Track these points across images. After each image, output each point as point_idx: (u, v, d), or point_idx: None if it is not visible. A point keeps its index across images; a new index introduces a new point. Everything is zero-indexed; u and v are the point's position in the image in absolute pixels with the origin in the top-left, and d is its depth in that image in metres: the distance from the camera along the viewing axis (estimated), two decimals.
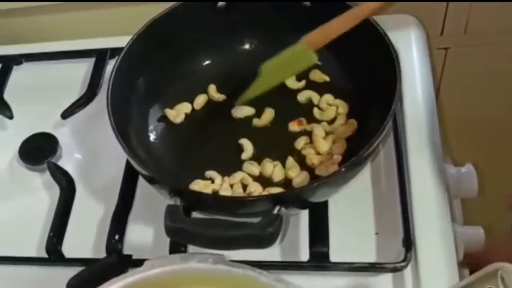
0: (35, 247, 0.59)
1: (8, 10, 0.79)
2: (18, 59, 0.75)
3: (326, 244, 0.53)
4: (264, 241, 0.47)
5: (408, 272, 0.52)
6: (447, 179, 0.58)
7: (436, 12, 0.75)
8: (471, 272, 0.63)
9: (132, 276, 0.48)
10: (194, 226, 0.48)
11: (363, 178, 0.58)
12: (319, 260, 0.53)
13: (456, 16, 0.75)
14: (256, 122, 0.61)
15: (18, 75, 0.75)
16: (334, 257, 0.53)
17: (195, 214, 0.55)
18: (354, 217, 0.56)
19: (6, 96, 0.71)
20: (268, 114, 0.62)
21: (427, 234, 0.53)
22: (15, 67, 0.75)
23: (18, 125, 0.69)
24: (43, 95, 0.72)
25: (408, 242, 0.52)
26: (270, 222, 0.47)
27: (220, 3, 0.65)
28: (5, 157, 0.66)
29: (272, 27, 0.65)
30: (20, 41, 0.78)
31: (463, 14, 0.75)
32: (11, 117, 0.69)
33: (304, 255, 0.54)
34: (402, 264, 0.51)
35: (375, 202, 0.57)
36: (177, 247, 0.55)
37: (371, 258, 0.53)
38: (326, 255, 0.53)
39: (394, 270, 0.52)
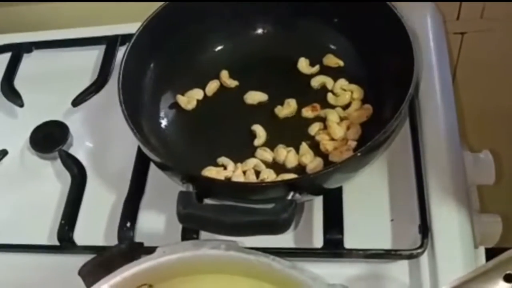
0: (47, 235, 0.59)
1: None
2: (28, 47, 0.75)
3: (341, 231, 0.52)
4: (278, 227, 0.46)
5: (424, 259, 0.51)
6: (464, 166, 0.57)
7: None
8: (487, 251, 0.63)
9: (145, 262, 0.47)
10: (207, 212, 0.48)
11: (379, 164, 0.57)
12: (333, 247, 0.52)
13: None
14: (277, 111, 0.60)
15: (29, 63, 0.74)
16: (348, 244, 0.52)
17: (207, 202, 0.54)
18: (369, 204, 0.55)
19: (17, 84, 0.71)
20: (293, 105, 0.60)
21: (444, 221, 0.52)
22: (25, 55, 0.75)
23: (28, 113, 0.68)
24: (54, 83, 0.72)
25: (425, 228, 0.51)
26: (285, 208, 0.46)
27: None
28: (16, 145, 0.66)
29: (285, 12, 0.64)
30: (30, 29, 0.78)
31: None
32: (21, 105, 0.69)
33: (318, 242, 0.53)
34: (419, 250, 0.50)
35: (390, 188, 0.56)
36: (189, 235, 0.54)
37: (386, 245, 0.53)
38: (340, 242, 0.52)
39: (411, 256, 0.51)
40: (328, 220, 0.53)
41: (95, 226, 0.58)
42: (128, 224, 0.56)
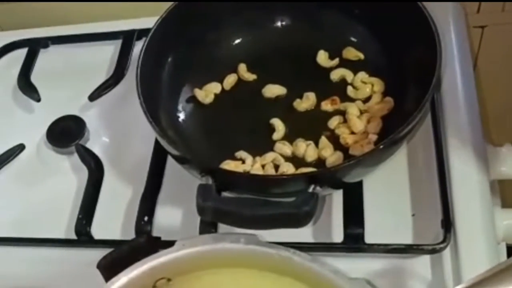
0: (64, 229, 0.58)
1: None
2: (45, 42, 0.75)
3: (361, 225, 0.51)
4: (299, 220, 0.45)
5: (446, 254, 0.50)
6: (487, 160, 0.56)
7: None
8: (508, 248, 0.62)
9: (164, 256, 0.47)
10: (228, 205, 0.47)
11: (400, 158, 0.56)
12: (354, 241, 0.51)
13: None
14: (296, 104, 0.60)
15: (45, 58, 0.74)
16: (369, 239, 0.51)
17: (225, 195, 0.54)
18: (390, 198, 0.55)
19: (33, 79, 0.71)
20: (312, 98, 0.60)
21: (467, 215, 0.52)
22: (42, 50, 0.75)
23: (45, 108, 0.68)
24: (70, 77, 0.72)
25: (447, 223, 0.51)
26: (306, 201, 0.46)
27: None
28: (33, 140, 0.66)
29: (304, 3, 0.63)
30: (47, 24, 0.78)
31: None
32: (38, 100, 0.69)
33: (338, 237, 0.52)
34: (441, 245, 0.49)
35: (412, 182, 0.55)
36: (207, 229, 0.54)
37: (408, 240, 0.52)
38: (361, 237, 0.51)
39: (433, 251, 0.50)
40: (348, 215, 0.52)
41: (113, 220, 0.58)
42: (146, 218, 0.56)
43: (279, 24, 0.66)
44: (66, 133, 0.65)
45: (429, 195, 0.54)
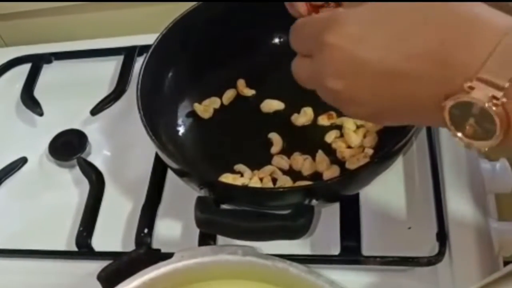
0: (65, 241, 0.59)
1: (39, 10, 0.81)
2: (48, 57, 0.76)
3: (358, 238, 0.52)
4: (295, 232, 0.46)
5: (442, 266, 0.51)
6: (482, 174, 0.57)
7: None
8: (505, 264, 0.62)
9: (163, 267, 0.48)
10: (225, 217, 0.48)
11: (396, 171, 0.57)
12: (350, 253, 0.52)
13: None
14: (294, 119, 0.61)
15: (49, 73, 0.75)
16: (366, 251, 0.52)
17: (224, 207, 0.54)
18: (386, 211, 0.55)
19: (37, 94, 0.72)
20: (309, 113, 0.61)
21: (462, 228, 0.52)
22: (45, 66, 0.76)
23: (48, 122, 0.69)
24: (73, 92, 0.73)
25: (443, 235, 0.51)
26: (302, 213, 0.47)
27: None
28: (36, 153, 0.67)
29: None
30: (50, 40, 0.79)
31: None
32: (41, 114, 0.70)
33: (335, 249, 0.53)
34: (437, 258, 0.50)
35: (408, 195, 0.56)
36: (206, 241, 0.55)
37: (404, 253, 0.52)
38: (357, 249, 0.52)
39: (429, 263, 0.50)
40: (345, 227, 0.53)
41: (113, 233, 0.58)
42: (146, 230, 0.56)
43: (277, 40, 0.67)
44: (68, 146, 0.66)
45: (425, 208, 0.54)
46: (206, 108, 0.63)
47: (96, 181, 0.62)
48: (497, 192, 0.63)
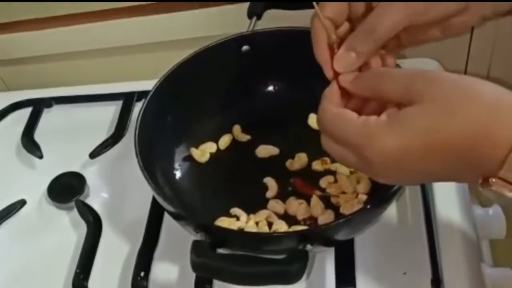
0: (63, 283, 0.59)
1: (40, 57, 0.83)
2: (49, 102, 0.78)
3: (353, 283, 0.53)
4: (290, 277, 0.46)
5: None
6: (475, 220, 0.58)
7: (458, 56, 0.75)
8: None
9: None
10: (220, 261, 0.48)
11: (390, 216, 0.58)
12: None
13: (479, 60, 0.75)
14: (289, 164, 0.62)
15: (49, 117, 0.77)
16: None
17: (220, 251, 0.55)
18: (381, 256, 0.56)
19: (37, 137, 0.73)
20: (303, 159, 0.62)
21: (456, 274, 0.53)
22: (45, 110, 0.77)
23: (47, 164, 0.70)
24: (72, 136, 0.74)
25: (437, 282, 0.52)
26: (297, 258, 0.47)
27: (244, 47, 0.66)
28: (35, 195, 0.68)
29: (296, 71, 0.65)
30: (51, 85, 0.81)
31: (486, 58, 0.75)
32: (41, 156, 0.71)
33: None
34: None
35: (402, 241, 0.56)
36: (202, 286, 0.55)
37: None
38: None
39: None
40: (340, 272, 0.53)
41: (110, 275, 0.58)
42: (142, 274, 0.57)
43: (271, 88, 0.69)
44: (66, 189, 0.66)
45: (420, 253, 0.55)
46: (203, 152, 0.64)
47: (93, 224, 0.63)
48: (490, 238, 0.63)
